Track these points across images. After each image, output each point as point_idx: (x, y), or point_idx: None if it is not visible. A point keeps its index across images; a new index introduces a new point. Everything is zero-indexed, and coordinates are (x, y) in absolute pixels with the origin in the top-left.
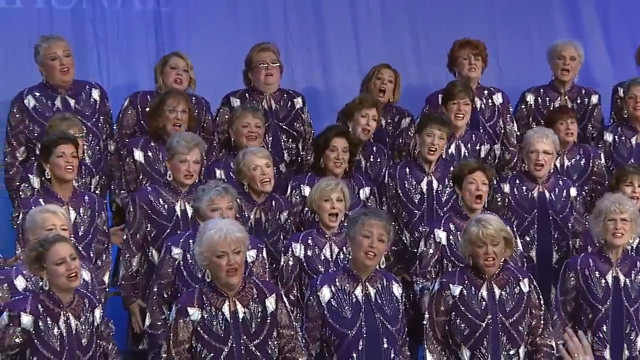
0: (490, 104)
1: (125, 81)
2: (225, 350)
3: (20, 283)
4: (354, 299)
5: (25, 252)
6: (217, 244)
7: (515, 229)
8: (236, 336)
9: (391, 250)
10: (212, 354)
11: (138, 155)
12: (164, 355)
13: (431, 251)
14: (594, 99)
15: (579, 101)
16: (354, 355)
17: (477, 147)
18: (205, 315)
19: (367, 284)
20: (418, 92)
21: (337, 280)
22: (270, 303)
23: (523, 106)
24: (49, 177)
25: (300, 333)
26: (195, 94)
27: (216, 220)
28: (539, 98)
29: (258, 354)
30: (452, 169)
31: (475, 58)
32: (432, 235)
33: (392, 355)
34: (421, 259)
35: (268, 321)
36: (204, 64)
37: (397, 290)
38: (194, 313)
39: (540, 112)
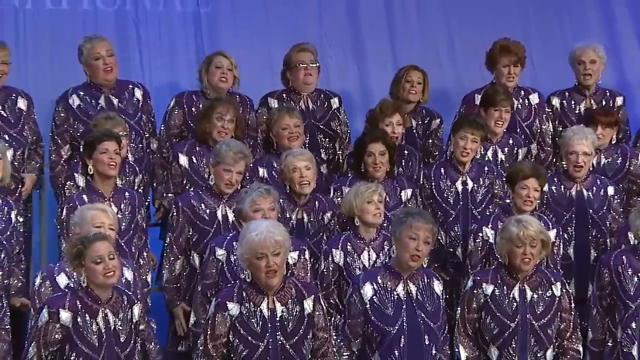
0: (527, 104)
1: (167, 81)
2: (261, 347)
3: (62, 280)
4: (396, 296)
5: (66, 248)
6: (257, 245)
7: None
8: (273, 334)
9: None
10: (247, 350)
11: (183, 160)
12: (200, 348)
13: (479, 249)
14: (619, 100)
15: (604, 103)
16: (396, 352)
17: (515, 151)
18: (244, 311)
19: (408, 281)
20: (453, 92)
21: (379, 277)
22: (308, 305)
23: (549, 110)
24: (91, 173)
25: (334, 336)
26: (239, 92)
27: (258, 222)
28: (564, 101)
29: (293, 353)
30: (486, 168)
31: (514, 66)
32: (479, 234)
33: (434, 351)
34: (470, 258)
35: (305, 322)
36: (241, 64)
37: (437, 287)
38: (233, 308)
39: (566, 115)
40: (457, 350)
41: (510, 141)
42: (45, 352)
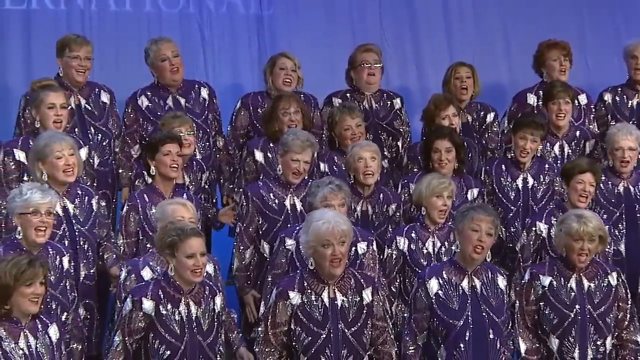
0: (577, 105)
1: (230, 82)
2: (323, 335)
3: (146, 274)
4: (461, 291)
5: (159, 235)
6: (323, 234)
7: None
8: (334, 322)
9: None
10: (310, 338)
11: (259, 156)
12: (261, 335)
13: (532, 243)
14: None
15: None
16: (462, 345)
17: (582, 144)
18: (305, 300)
19: (473, 276)
20: (508, 90)
21: (444, 272)
22: (367, 295)
23: (601, 105)
24: (153, 173)
25: (390, 325)
26: (304, 92)
27: (323, 210)
28: (616, 97)
29: (354, 341)
30: (546, 166)
31: (564, 59)
32: (533, 228)
33: (498, 345)
34: (523, 251)
35: (364, 311)
36: (303, 65)
37: (501, 282)
38: (295, 297)
39: (619, 110)
40: (517, 343)
41: (578, 134)
42: (130, 340)
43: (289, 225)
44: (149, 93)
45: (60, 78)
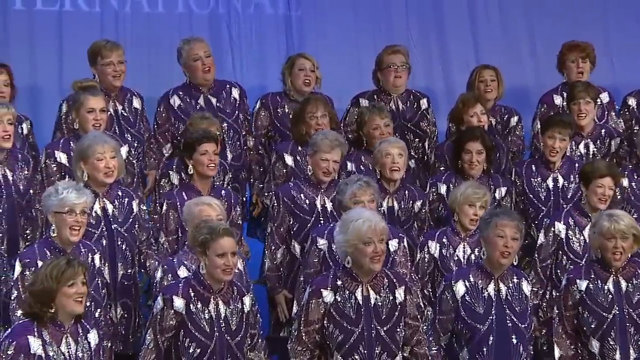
0: (599, 103)
1: (258, 82)
2: (356, 332)
3: (182, 273)
4: (486, 295)
5: (192, 233)
6: (365, 232)
7: None
8: (367, 320)
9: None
10: (343, 335)
11: (289, 159)
12: (294, 333)
13: (550, 243)
14: None
15: None
16: (484, 349)
17: (607, 142)
18: (339, 298)
19: (499, 281)
20: (533, 91)
21: (471, 276)
22: (400, 294)
23: (626, 110)
24: (191, 172)
25: (426, 325)
26: (320, 92)
27: (359, 209)
28: None
29: (387, 339)
30: (576, 165)
31: (582, 61)
32: (552, 228)
33: (521, 350)
34: (540, 251)
35: (397, 310)
36: (331, 65)
37: (526, 288)
38: (327, 295)
39: None
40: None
41: (603, 132)
42: (161, 338)
43: (319, 225)
44: (180, 93)
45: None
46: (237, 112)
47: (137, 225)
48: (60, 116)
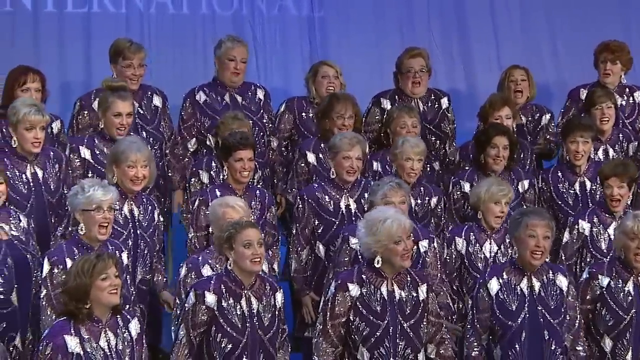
0: (631, 102)
1: (281, 83)
2: (382, 326)
3: (206, 272)
4: (519, 292)
5: (217, 235)
6: (395, 231)
7: None
8: (392, 314)
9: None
10: (369, 329)
11: (311, 157)
12: (319, 327)
13: (574, 241)
14: None
15: None
16: (517, 345)
17: (625, 146)
18: (365, 292)
19: (532, 277)
20: (555, 91)
21: (504, 273)
22: (422, 291)
23: None
24: (226, 174)
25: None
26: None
27: (382, 208)
28: None
29: (411, 333)
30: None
31: (612, 63)
32: (576, 226)
33: (554, 346)
34: (565, 250)
35: (421, 307)
36: (352, 66)
37: (562, 282)
38: (353, 289)
39: None
40: None
41: (620, 136)
42: (194, 333)
43: (351, 224)
44: (206, 89)
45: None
46: (261, 111)
47: (156, 233)
48: (73, 114)
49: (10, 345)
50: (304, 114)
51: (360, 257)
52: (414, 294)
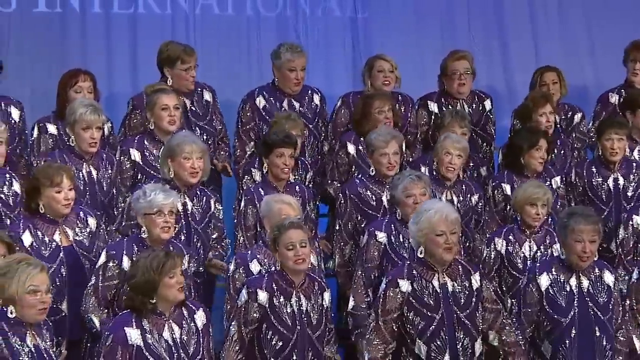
0: None
1: (323, 83)
2: (437, 318)
3: (254, 267)
4: (568, 288)
5: (268, 235)
6: (436, 223)
7: None
8: (446, 306)
9: None
10: (424, 322)
11: (351, 148)
12: (372, 324)
13: (630, 237)
14: None
15: None
16: (567, 341)
17: None
18: (416, 287)
19: (580, 274)
20: (592, 91)
21: (553, 269)
22: (476, 279)
23: None
24: (266, 171)
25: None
26: (401, 92)
27: (434, 200)
28: None
29: (468, 323)
30: (634, 164)
31: None
32: (630, 222)
33: (604, 342)
34: (623, 246)
35: (475, 295)
36: None
37: (609, 278)
38: (404, 285)
39: None
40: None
41: None
42: (245, 330)
43: (377, 219)
44: (265, 93)
45: (166, 79)
46: (317, 118)
47: (211, 224)
48: (126, 113)
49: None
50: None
51: (389, 250)
52: (467, 284)
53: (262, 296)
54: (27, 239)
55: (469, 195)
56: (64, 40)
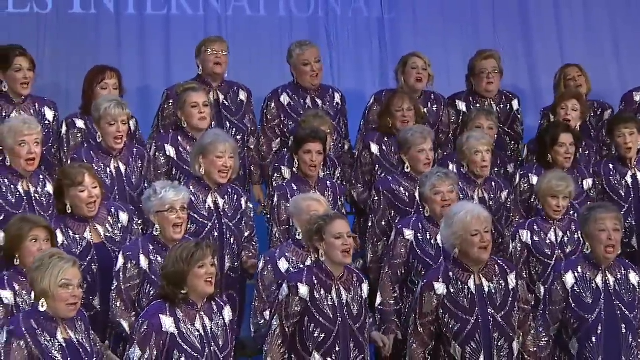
0: None
1: (353, 83)
2: (472, 320)
3: (283, 265)
4: (595, 286)
5: (306, 227)
6: (470, 223)
7: None
8: (482, 308)
9: None
10: (459, 325)
11: (374, 148)
12: (411, 326)
13: None
14: None
15: None
16: (593, 339)
17: None
18: (452, 289)
19: (607, 272)
20: (616, 90)
21: (579, 267)
22: (512, 279)
23: None
24: (297, 166)
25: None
26: (434, 91)
27: (463, 203)
28: None
29: (504, 324)
30: None
31: None
32: None
33: (630, 340)
34: None
35: (511, 295)
36: None
37: (634, 278)
38: (440, 287)
39: None
40: None
41: None
42: (287, 324)
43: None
44: (289, 91)
45: (200, 77)
46: (338, 116)
47: (243, 221)
48: (161, 104)
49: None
50: None
51: (416, 247)
52: (503, 284)
53: (303, 290)
54: (58, 237)
55: (499, 192)
56: (98, 41)
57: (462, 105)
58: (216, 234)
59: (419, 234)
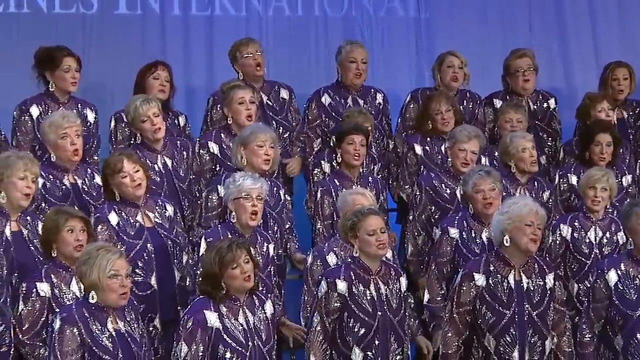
0: None
1: (387, 82)
2: (508, 315)
3: (331, 259)
4: (638, 283)
5: (341, 223)
6: (527, 214)
7: None
8: (519, 303)
9: None
10: (495, 317)
11: (418, 149)
12: (447, 314)
13: None
14: None
15: None
16: (638, 335)
17: None
18: (491, 282)
19: None
20: None
21: (622, 264)
22: (550, 279)
23: None
24: (339, 161)
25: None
26: (470, 90)
27: (523, 196)
28: None
29: (539, 322)
30: None
31: None
32: None
33: None
34: None
35: (548, 295)
36: None
37: None
38: (480, 279)
39: None
40: None
41: None
42: (327, 320)
43: (449, 216)
44: (330, 92)
45: (242, 82)
46: (380, 115)
47: (283, 212)
48: (208, 109)
49: (150, 326)
50: None
51: (461, 246)
52: (541, 282)
53: (341, 286)
54: (113, 218)
55: (541, 192)
56: (144, 41)
57: (499, 104)
58: (261, 222)
59: (463, 232)
